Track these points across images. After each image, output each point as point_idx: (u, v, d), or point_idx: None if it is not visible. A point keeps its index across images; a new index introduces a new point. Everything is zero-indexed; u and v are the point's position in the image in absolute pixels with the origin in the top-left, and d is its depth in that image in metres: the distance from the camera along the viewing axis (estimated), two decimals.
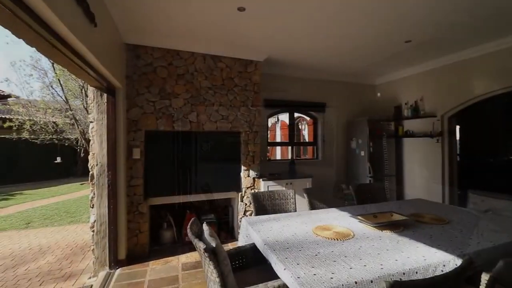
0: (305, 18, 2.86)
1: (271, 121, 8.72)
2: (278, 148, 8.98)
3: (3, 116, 11.41)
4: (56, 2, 1.31)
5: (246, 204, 3.93)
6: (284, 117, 8.43)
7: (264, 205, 2.69)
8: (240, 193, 3.91)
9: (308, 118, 5.86)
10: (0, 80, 21.70)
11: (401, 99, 5.19)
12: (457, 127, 4.99)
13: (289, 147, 5.39)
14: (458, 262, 1.45)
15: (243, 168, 3.93)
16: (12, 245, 4.01)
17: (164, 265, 3.05)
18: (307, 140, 7.98)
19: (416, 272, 1.36)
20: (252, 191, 3.95)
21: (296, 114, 5.36)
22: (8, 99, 13.90)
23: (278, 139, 9.69)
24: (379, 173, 4.89)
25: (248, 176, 3.96)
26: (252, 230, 1.99)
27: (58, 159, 12.22)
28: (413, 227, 2.03)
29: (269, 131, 5.24)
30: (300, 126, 8.73)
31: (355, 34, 3.30)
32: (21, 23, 1.22)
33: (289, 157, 5.37)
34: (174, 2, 2.54)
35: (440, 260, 1.45)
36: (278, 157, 8.74)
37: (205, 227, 1.57)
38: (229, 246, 3.63)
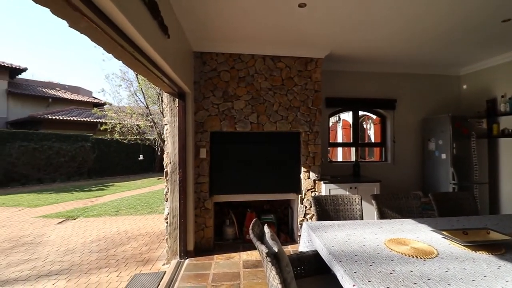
0: (374, 5, 2.59)
1: (332, 120, 8.30)
2: (340, 149, 8.48)
3: (100, 121, 13.81)
4: (138, 19, 1.49)
5: (306, 207, 3.81)
6: (346, 116, 7.91)
7: (327, 210, 2.55)
8: (300, 195, 3.82)
9: (374, 117, 5.36)
10: (97, 91, 26.61)
11: (495, 91, 4.27)
12: None
13: (353, 148, 5.01)
14: None
15: (303, 169, 3.82)
16: (106, 228, 4.81)
17: (227, 260, 3.19)
18: (373, 141, 7.31)
19: None
20: (313, 194, 3.81)
21: (360, 113, 4.95)
22: (104, 106, 16.82)
23: (339, 139, 9.15)
24: (466, 180, 4.12)
25: (308, 178, 3.83)
26: (314, 237, 1.89)
27: (141, 157, 14.20)
28: None
29: (330, 131, 4.98)
30: (364, 126, 8.06)
31: (438, 15, 2.83)
32: (110, 40, 1.43)
33: (352, 158, 5.00)
34: (238, 12, 2.65)
35: None
36: (340, 158, 8.25)
37: (266, 229, 1.56)
38: (289, 248, 3.58)
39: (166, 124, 3.32)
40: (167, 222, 3.26)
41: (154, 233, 4.48)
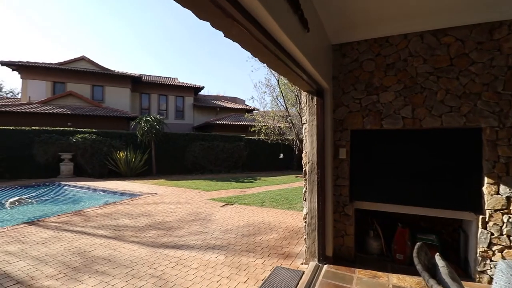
0: None
1: None
2: None
3: (250, 124, 16.20)
4: (279, 14, 1.49)
5: (492, 234, 2.67)
6: None
7: None
8: (481, 216, 2.73)
9: None
10: (248, 98, 31.73)
11: None
12: None
13: None
14: None
15: (487, 180, 2.71)
16: (254, 217, 5.48)
17: (372, 279, 2.75)
18: None
19: None
20: (506, 217, 2.62)
21: None
22: (253, 111, 19.66)
23: None
24: None
25: (497, 193, 2.67)
26: None
27: (281, 155, 15.50)
28: None
29: None
30: None
31: None
32: (256, 42, 1.52)
33: None
34: None
35: None
36: None
37: (439, 261, 1.14)
38: None
39: (304, 123, 3.31)
40: (305, 222, 3.24)
41: (293, 229, 4.64)
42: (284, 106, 13.05)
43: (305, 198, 3.27)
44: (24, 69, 16.30)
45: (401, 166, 3.11)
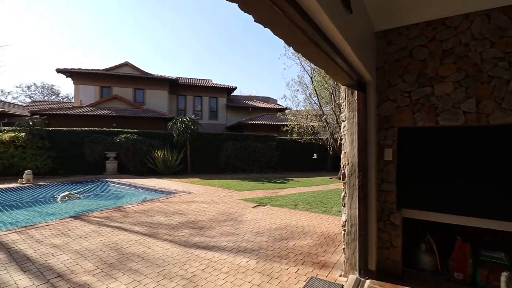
0: None
1: None
2: None
3: (282, 123, 15.92)
4: None
5: None
6: None
7: None
8: None
9: None
10: (280, 97, 31.34)
11: None
12: None
13: None
14: None
15: None
16: (287, 219, 5.25)
17: None
18: None
19: None
20: None
21: None
22: (285, 111, 19.33)
23: None
24: None
25: None
26: None
27: (315, 156, 14.96)
28: None
29: None
30: None
31: None
32: (290, 26, 1.30)
33: None
34: None
35: None
36: None
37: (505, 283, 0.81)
38: None
39: (343, 121, 3.00)
40: (344, 230, 2.93)
41: (329, 235, 4.31)
42: (318, 104, 12.54)
43: (344, 204, 2.96)
44: (76, 75, 18.01)
45: (461, 169, 2.65)
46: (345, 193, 2.94)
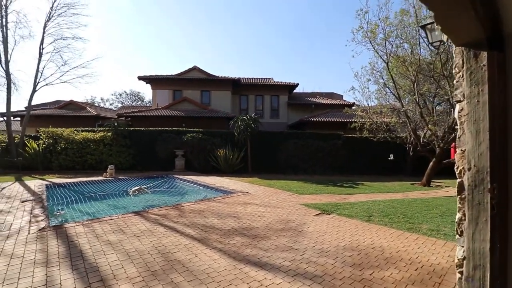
0: None
1: None
2: None
3: (349, 120, 14.26)
4: None
5: None
6: None
7: None
8: None
9: None
10: (347, 90, 28.67)
11: None
12: None
13: None
14: None
15: None
16: (359, 236, 4.21)
17: None
18: None
19: None
20: None
21: None
22: (353, 107, 17.43)
23: None
24: None
25: None
26: None
27: (391, 156, 12.85)
28: None
29: None
30: None
31: None
32: None
33: None
34: None
35: None
36: None
37: None
38: None
39: (459, 102, 1.93)
40: (460, 273, 1.87)
41: (423, 266, 3.15)
42: (395, 94, 10.59)
43: (461, 231, 1.90)
44: (154, 81, 20.13)
45: None
46: (464, 214, 1.88)
